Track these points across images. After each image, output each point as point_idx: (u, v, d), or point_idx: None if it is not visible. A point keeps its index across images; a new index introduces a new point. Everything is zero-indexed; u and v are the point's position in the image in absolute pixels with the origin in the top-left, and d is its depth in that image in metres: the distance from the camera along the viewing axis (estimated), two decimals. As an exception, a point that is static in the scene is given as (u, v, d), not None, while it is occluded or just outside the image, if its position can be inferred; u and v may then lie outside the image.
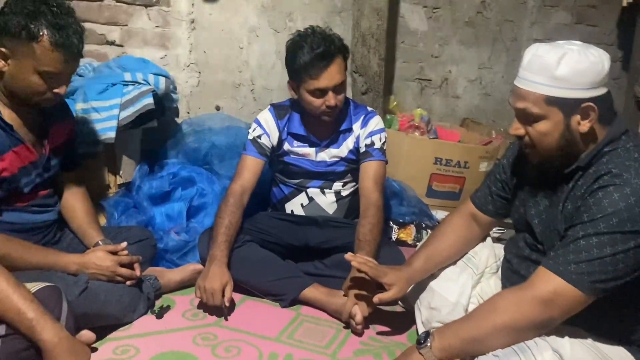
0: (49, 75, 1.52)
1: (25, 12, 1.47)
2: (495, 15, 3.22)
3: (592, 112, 1.25)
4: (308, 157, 2.08)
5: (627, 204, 1.18)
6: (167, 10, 2.57)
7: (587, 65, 1.22)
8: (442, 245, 1.66)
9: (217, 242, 1.87)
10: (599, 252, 1.19)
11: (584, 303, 1.22)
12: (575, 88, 1.23)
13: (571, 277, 1.20)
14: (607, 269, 1.19)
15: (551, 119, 1.27)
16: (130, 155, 2.33)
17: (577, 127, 1.27)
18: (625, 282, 1.21)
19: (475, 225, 1.68)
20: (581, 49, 1.25)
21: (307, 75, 1.86)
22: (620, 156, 1.26)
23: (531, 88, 1.27)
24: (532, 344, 1.27)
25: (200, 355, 1.63)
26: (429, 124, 2.93)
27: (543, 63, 1.24)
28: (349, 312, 1.76)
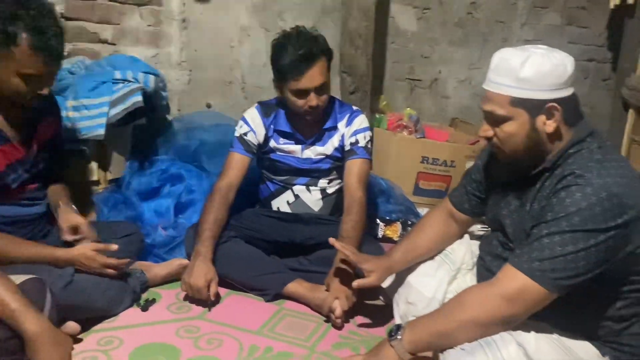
0: (30, 77, 1.53)
1: (3, 16, 1.48)
2: (486, 16, 3.25)
3: (556, 112, 1.29)
4: (294, 155, 2.11)
5: (588, 203, 1.22)
6: (159, 10, 2.62)
7: (550, 67, 1.26)
8: (421, 240, 1.71)
9: (202, 238, 1.92)
10: (561, 250, 1.23)
11: (547, 299, 1.26)
12: (538, 89, 1.27)
13: (535, 274, 1.24)
14: (569, 266, 1.23)
15: (517, 120, 1.31)
16: (120, 151, 2.37)
17: (542, 127, 1.31)
18: (586, 279, 1.25)
19: (453, 223, 1.72)
20: (545, 52, 1.29)
21: (290, 76, 1.90)
22: (584, 157, 1.30)
23: (497, 90, 1.31)
24: (498, 337, 1.31)
25: (182, 347, 1.67)
26: (417, 124, 2.97)
27: (508, 66, 1.29)
28: (329, 306, 1.80)
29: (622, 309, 1.34)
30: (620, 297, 1.33)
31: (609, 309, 1.34)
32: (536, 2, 3.34)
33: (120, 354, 1.61)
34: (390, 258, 1.71)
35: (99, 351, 1.62)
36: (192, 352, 1.66)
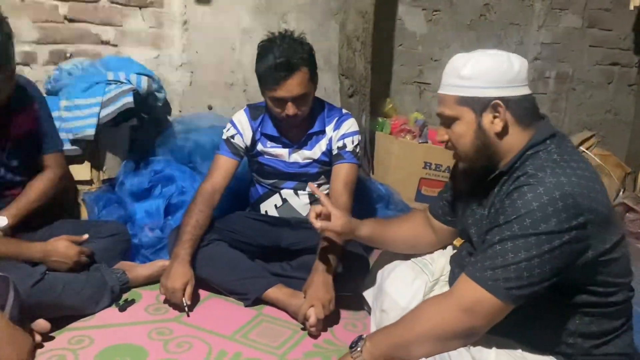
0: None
1: None
2: (500, 18, 3.14)
3: (501, 110, 1.26)
4: (281, 158, 2.09)
5: (539, 203, 1.15)
6: (160, 12, 2.63)
7: (491, 65, 1.26)
8: (395, 228, 1.72)
9: (182, 241, 1.91)
10: (513, 257, 1.17)
11: (503, 310, 1.20)
12: (481, 87, 1.26)
13: (487, 284, 1.18)
14: (523, 275, 1.16)
15: (464, 120, 1.30)
16: (116, 152, 2.39)
17: (490, 126, 1.28)
18: (543, 288, 1.18)
19: (429, 229, 1.69)
20: (492, 53, 1.30)
21: (267, 84, 1.88)
22: (541, 158, 1.24)
23: (444, 91, 1.33)
24: (454, 353, 1.26)
25: (151, 349, 1.66)
26: (423, 128, 2.90)
27: (452, 67, 1.32)
28: (304, 314, 1.77)
29: (592, 325, 1.27)
30: (587, 311, 1.26)
31: (577, 324, 1.27)
32: (554, 4, 3.21)
33: (88, 354, 1.61)
34: (358, 220, 1.70)
35: (68, 350, 1.63)
36: (160, 354, 1.64)
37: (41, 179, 1.89)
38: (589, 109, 3.46)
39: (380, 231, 1.70)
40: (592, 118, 3.47)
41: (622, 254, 1.24)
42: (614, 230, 1.21)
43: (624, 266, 1.26)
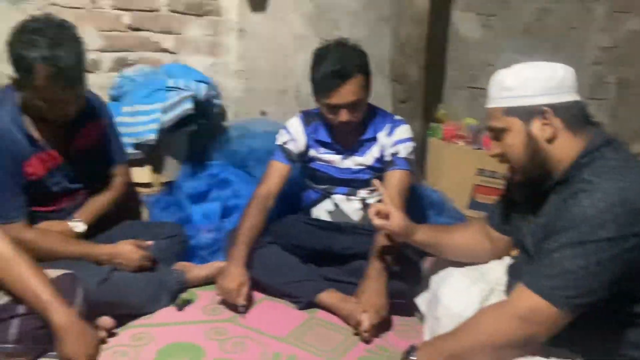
0: (52, 102, 1.60)
1: (22, 45, 1.53)
2: (557, 22, 3.06)
3: (548, 115, 1.26)
4: (333, 164, 2.11)
5: (597, 210, 1.13)
6: (217, 20, 2.70)
7: (533, 73, 1.28)
8: (453, 235, 1.70)
9: (238, 243, 1.96)
10: (571, 265, 1.15)
11: (561, 320, 1.18)
12: (525, 95, 1.28)
13: (545, 293, 1.17)
14: (581, 284, 1.14)
15: (513, 130, 1.31)
16: (175, 156, 2.47)
17: (539, 133, 1.28)
18: (603, 297, 1.15)
19: (487, 239, 1.66)
20: (536, 63, 1.31)
21: (322, 91, 1.91)
22: (597, 165, 1.23)
23: (491, 104, 1.36)
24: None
25: (208, 349, 1.71)
26: (477, 134, 2.86)
27: (496, 80, 1.36)
28: (357, 319, 1.78)
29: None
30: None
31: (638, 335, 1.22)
32: (616, 7, 3.10)
33: (149, 350, 1.68)
34: (415, 224, 1.71)
35: (130, 346, 1.70)
36: (217, 354, 1.69)
37: (112, 188, 2.00)
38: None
39: (437, 237, 1.70)
40: (655, 125, 3.34)
41: None
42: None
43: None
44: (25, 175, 1.69)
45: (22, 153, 1.67)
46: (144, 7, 2.61)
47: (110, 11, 2.58)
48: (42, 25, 1.56)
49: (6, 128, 1.64)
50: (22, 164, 1.67)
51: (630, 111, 3.28)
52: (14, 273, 1.42)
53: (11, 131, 1.65)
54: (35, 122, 1.70)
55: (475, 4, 2.96)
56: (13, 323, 1.41)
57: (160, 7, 2.62)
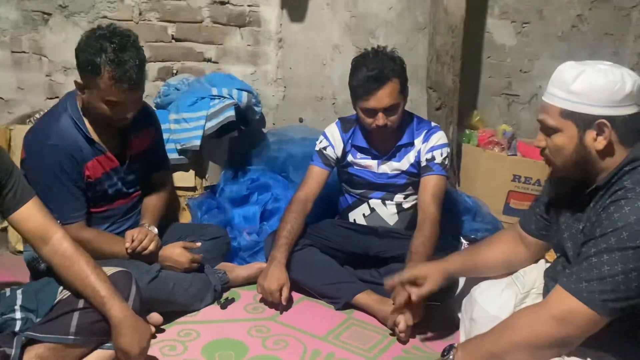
0: (114, 103, 1.71)
1: (91, 50, 1.66)
2: (593, 29, 3.07)
3: (606, 129, 1.26)
4: (370, 169, 2.17)
5: (637, 217, 1.16)
6: (258, 30, 2.80)
7: (603, 83, 1.24)
8: (485, 253, 1.70)
9: (278, 245, 2.04)
10: (610, 270, 1.18)
11: (598, 323, 1.21)
12: (589, 104, 1.26)
13: (582, 296, 1.20)
14: (619, 288, 1.17)
15: (566, 133, 1.30)
16: (217, 161, 2.58)
17: (592, 143, 1.28)
18: None
19: (522, 246, 1.67)
20: (605, 68, 1.27)
21: (359, 95, 1.98)
22: (639, 173, 1.23)
23: (549, 101, 1.33)
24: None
25: (251, 345, 1.80)
26: (512, 141, 2.88)
27: (562, 78, 1.30)
28: (393, 320, 1.84)
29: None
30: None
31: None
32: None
33: (196, 346, 1.78)
34: (445, 261, 1.74)
35: (178, 341, 1.79)
36: (260, 350, 1.78)
37: (165, 192, 2.13)
38: (691, 121, 3.29)
39: (470, 262, 1.71)
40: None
41: None
42: None
43: None
44: (85, 177, 1.80)
45: (83, 156, 1.79)
46: (188, 19, 2.73)
47: (157, 23, 2.71)
48: (108, 33, 1.69)
49: (69, 132, 1.77)
50: (83, 167, 1.79)
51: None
52: (75, 270, 1.52)
53: (74, 135, 1.78)
54: (95, 127, 1.82)
55: (510, 12, 2.98)
56: (73, 316, 1.51)
57: (203, 19, 2.74)
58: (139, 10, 2.67)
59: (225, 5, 2.74)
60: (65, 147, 1.76)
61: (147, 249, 1.87)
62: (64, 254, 1.52)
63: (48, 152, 1.74)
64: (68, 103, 1.82)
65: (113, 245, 1.87)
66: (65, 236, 1.54)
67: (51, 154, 1.74)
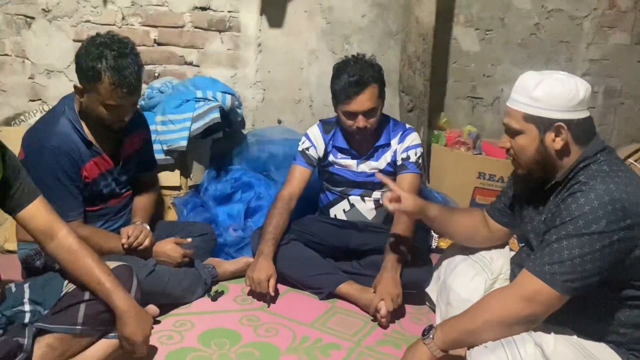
0: (112, 107, 1.80)
1: (92, 57, 1.74)
2: (549, 37, 3.31)
3: (563, 131, 1.43)
4: (350, 168, 2.32)
5: (591, 207, 1.34)
6: (237, 35, 2.92)
7: (560, 91, 1.42)
8: (457, 219, 1.91)
9: (265, 239, 2.16)
10: (569, 254, 1.35)
11: (560, 300, 1.38)
12: (548, 109, 1.43)
13: (546, 277, 1.37)
14: (577, 269, 1.34)
15: (528, 135, 1.47)
16: (200, 161, 2.68)
17: (551, 144, 1.46)
18: (596, 281, 1.35)
19: (485, 228, 1.87)
20: (562, 77, 1.44)
21: (341, 99, 2.12)
22: (592, 169, 1.42)
23: (513, 106, 1.50)
24: (518, 337, 1.44)
25: (244, 333, 1.92)
26: (476, 141, 3.08)
27: (524, 86, 1.47)
28: (375, 307, 1.99)
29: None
30: (635, 304, 1.42)
31: (627, 315, 1.44)
32: (603, 22, 3.36)
33: (192, 335, 1.88)
34: (427, 202, 1.92)
35: (174, 331, 1.90)
36: (252, 338, 1.90)
37: (154, 191, 2.23)
38: (636, 123, 3.58)
39: (445, 217, 1.90)
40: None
41: None
42: (657, 232, 1.39)
43: (667, 265, 1.43)
44: (82, 177, 1.89)
45: (81, 157, 1.87)
46: (170, 24, 2.82)
47: (139, 28, 2.79)
48: (108, 41, 1.78)
49: (68, 134, 1.85)
50: (81, 168, 1.87)
51: (616, 118, 3.53)
52: (81, 264, 1.60)
53: (72, 137, 1.85)
54: (92, 129, 1.90)
55: (475, 20, 3.20)
56: (80, 307, 1.59)
57: (185, 24, 2.84)
58: (122, 15, 2.75)
59: (206, 11, 2.85)
60: (65, 149, 1.84)
61: (142, 244, 1.96)
62: (69, 249, 1.60)
63: (48, 154, 1.82)
64: (66, 106, 1.89)
65: (109, 241, 1.95)
66: (71, 232, 1.62)
67: (51, 155, 1.82)
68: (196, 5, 2.83)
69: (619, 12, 3.36)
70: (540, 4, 3.25)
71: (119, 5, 2.74)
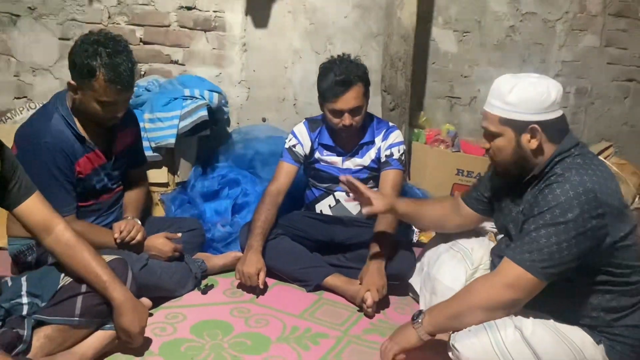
0: (106, 104, 1.84)
1: (86, 54, 1.78)
2: (524, 39, 3.43)
3: (537, 132, 1.53)
4: (335, 165, 2.39)
5: (566, 197, 1.43)
6: (223, 35, 2.97)
7: (534, 94, 1.51)
8: (427, 210, 2.02)
9: (254, 234, 2.22)
10: (546, 242, 1.45)
11: (539, 286, 1.48)
12: (522, 112, 1.52)
13: (526, 265, 1.46)
14: (554, 257, 1.44)
15: (505, 137, 1.57)
16: (187, 158, 2.73)
17: (527, 144, 1.55)
18: (572, 267, 1.46)
19: (455, 214, 1.97)
20: (534, 81, 1.53)
21: (328, 98, 2.19)
22: (567, 162, 1.52)
23: (490, 110, 1.59)
24: (499, 321, 1.54)
25: (235, 324, 1.98)
26: (455, 139, 3.19)
27: (499, 90, 1.56)
28: (361, 297, 2.06)
29: (612, 301, 1.54)
30: (607, 289, 1.53)
31: (599, 300, 1.54)
32: (574, 25, 3.49)
33: (184, 327, 1.93)
34: (395, 199, 2.01)
35: (167, 323, 1.95)
36: (243, 328, 1.96)
37: (144, 187, 2.27)
38: (606, 122, 3.73)
39: (415, 209, 2.01)
40: (609, 130, 3.74)
41: (634, 242, 1.52)
42: (627, 221, 1.50)
43: (636, 252, 1.53)
44: (76, 173, 1.92)
45: (75, 153, 1.91)
46: (156, 23, 2.86)
47: (125, 26, 2.82)
48: (102, 39, 1.82)
49: (61, 130, 1.88)
50: (74, 163, 1.90)
51: (587, 117, 3.68)
52: (78, 258, 1.64)
53: (66, 133, 1.89)
54: (85, 125, 1.93)
55: (453, 22, 3.30)
56: (77, 300, 1.64)
57: (171, 23, 2.88)
58: (108, 14, 2.78)
59: (192, 11, 2.89)
60: (59, 145, 1.87)
61: (134, 239, 2.01)
62: (67, 243, 1.64)
63: (42, 150, 1.85)
64: (58, 103, 1.93)
65: (102, 236, 1.99)
66: (67, 227, 1.67)
67: (45, 151, 1.85)
68: (182, 4, 2.87)
69: (589, 15, 3.50)
70: (515, 7, 3.36)
71: (105, 4, 2.77)
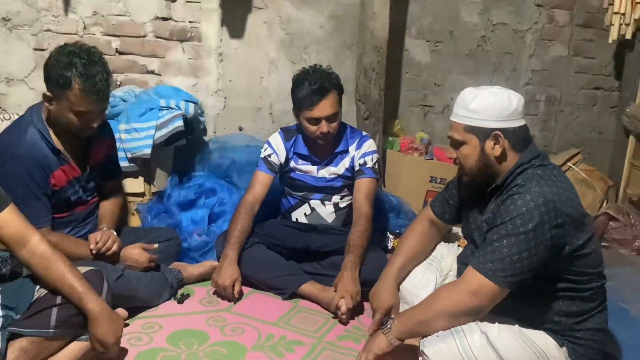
0: (82, 114, 1.85)
1: (61, 65, 1.79)
2: (495, 48, 3.52)
3: (500, 139, 1.59)
4: (310, 174, 2.44)
5: (527, 207, 1.49)
6: (199, 45, 2.99)
7: (494, 102, 1.58)
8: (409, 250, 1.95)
9: (230, 244, 2.25)
10: (507, 252, 1.50)
11: (501, 294, 1.53)
12: (485, 119, 1.58)
13: (488, 274, 1.52)
14: (515, 266, 1.50)
15: (470, 144, 1.63)
16: (163, 168, 2.74)
17: (491, 151, 1.61)
18: (532, 275, 1.52)
19: (434, 230, 1.98)
20: (496, 91, 1.60)
21: (304, 106, 2.24)
22: (528, 173, 1.58)
23: (455, 119, 1.65)
24: (466, 327, 1.59)
25: (211, 333, 2.00)
26: (428, 146, 3.26)
27: (463, 100, 1.63)
28: (336, 304, 2.11)
29: (573, 306, 1.60)
30: (567, 295, 1.59)
31: (560, 305, 1.60)
32: (543, 35, 3.60)
33: (160, 336, 1.95)
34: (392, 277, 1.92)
35: (143, 333, 1.96)
36: (219, 337, 1.98)
37: (119, 198, 2.29)
38: (575, 129, 3.84)
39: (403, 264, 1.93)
40: (578, 137, 3.85)
41: (593, 250, 1.59)
42: (586, 230, 1.56)
43: (594, 259, 1.60)
44: (51, 185, 1.93)
45: (50, 165, 1.92)
46: (132, 34, 2.87)
47: (101, 37, 2.83)
48: (77, 50, 1.84)
49: (37, 142, 1.89)
50: (49, 176, 1.92)
51: (557, 124, 3.79)
52: (53, 270, 1.65)
53: (40, 145, 1.90)
54: (60, 137, 1.95)
55: (425, 33, 3.37)
56: (53, 311, 1.64)
57: (147, 34, 2.89)
58: (84, 25, 2.79)
59: (168, 21, 2.91)
60: (34, 157, 1.88)
61: (110, 250, 2.02)
62: (42, 255, 1.65)
63: (17, 162, 1.86)
64: (33, 115, 1.94)
65: (78, 247, 2.00)
66: (42, 239, 1.67)
67: (20, 163, 1.86)
68: (158, 15, 2.89)
69: (557, 26, 3.61)
70: (486, 18, 3.45)
71: (80, 14, 2.78)
